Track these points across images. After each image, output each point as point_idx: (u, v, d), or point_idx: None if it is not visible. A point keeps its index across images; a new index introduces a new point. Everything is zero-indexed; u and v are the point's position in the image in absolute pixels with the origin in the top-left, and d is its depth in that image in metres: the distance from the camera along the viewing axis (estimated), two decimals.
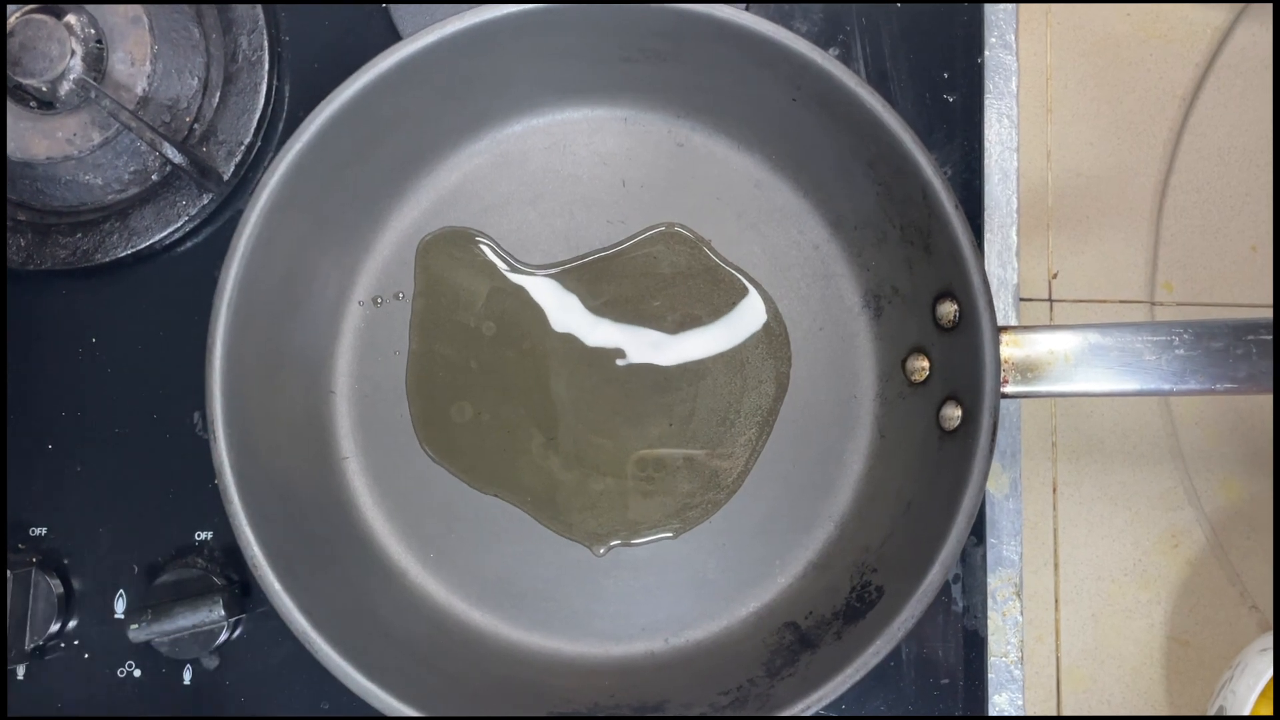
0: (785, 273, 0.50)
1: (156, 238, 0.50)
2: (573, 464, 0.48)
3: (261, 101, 0.50)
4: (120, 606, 0.49)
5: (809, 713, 0.41)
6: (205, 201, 0.50)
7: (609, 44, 0.47)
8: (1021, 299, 0.52)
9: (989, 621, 0.50)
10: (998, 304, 0.51)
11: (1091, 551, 0.53)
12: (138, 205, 0.50)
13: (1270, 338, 0.41)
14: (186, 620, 0.46)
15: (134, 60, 0.48)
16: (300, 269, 0.47)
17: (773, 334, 0.49)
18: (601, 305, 0.49)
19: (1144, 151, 0.55)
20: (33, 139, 0.48)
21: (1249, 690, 0.46)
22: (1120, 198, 0.55)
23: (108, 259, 0.49)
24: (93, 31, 0.48)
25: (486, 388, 0.49)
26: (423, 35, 0.45)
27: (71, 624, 0.49)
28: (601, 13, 0.45)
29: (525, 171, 0.50)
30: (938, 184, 0.43)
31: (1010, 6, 0.53)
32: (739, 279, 0.49)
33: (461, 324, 0.49)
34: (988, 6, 0.53)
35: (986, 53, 0.53)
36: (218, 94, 0.51)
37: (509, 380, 0.49)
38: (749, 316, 0.49)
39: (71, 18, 0.47)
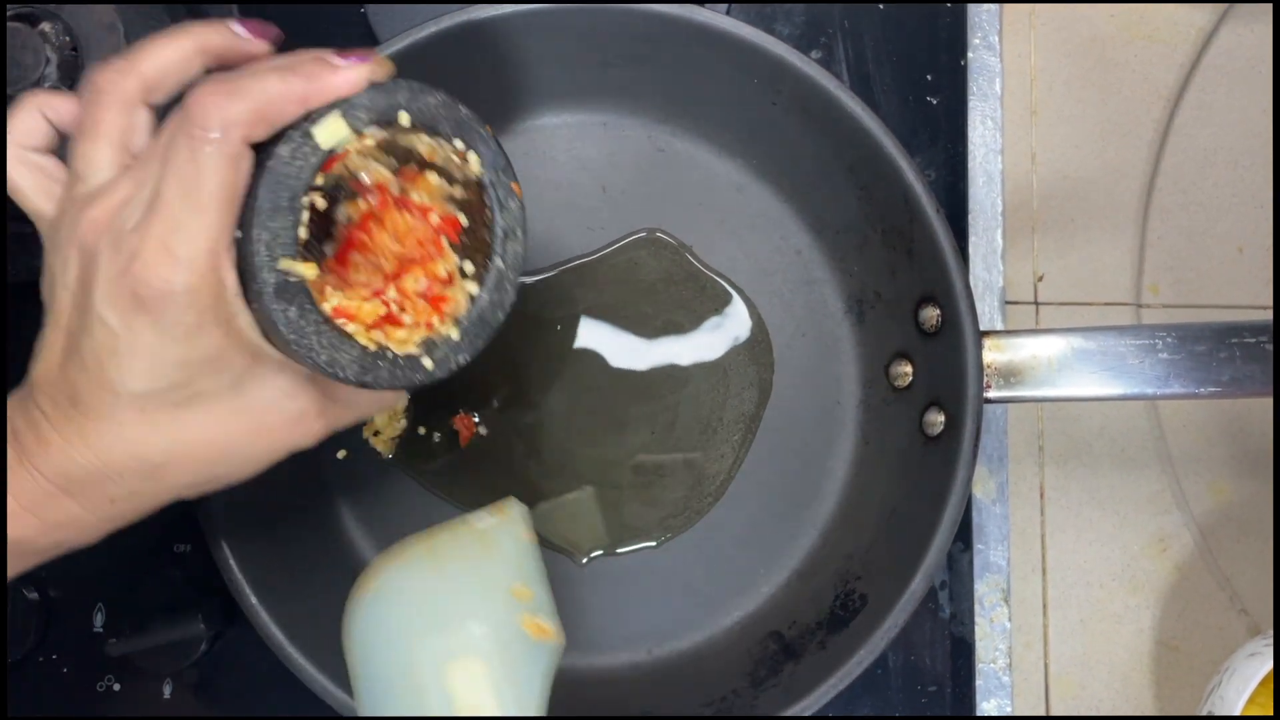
0: (767, 278, 0.49)
1: None
2: (554, 473, 0.48)
3: None
4: (99, 620, 0.48)
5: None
6: None
7: (587, 48, 0.46)
8: (1007, 302, 0.52)
9: (977, 628, 0.49)
10: (983, 307, 0.50)
11: (1080, 556, 0.52)
12: None
13: (1254, 340, 0.41)
14: (166, 634, 0.45)
15: None
16: None
17: (755, 340, 0.49)
18: (582, 312, 0.49)
19: (1130, 153, 0.55)
20: None
21: (1238, 695, 0.46)
22: (1106, 200, 0.55)
23: None
24: (67, 39, 0.47)
25: (465, 396, 0.48)
26: (399, 39, 0.45)
27: (49, 638, 0.48)
28: (579, 16, 0.45)
29: None
30: (919, 188, 0.43)
31: (994, 7, 0.53)
32: (721, 285, 0.49)
33: None
34: (971, 8, 0.53)
35: (970, 54, 0.52)
36: None
37: (488, 388, 0.48)
38: (731, 323, 0.49)
39: (46, 25, 0.47)
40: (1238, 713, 0.46)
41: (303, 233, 0.32)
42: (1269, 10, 0.55)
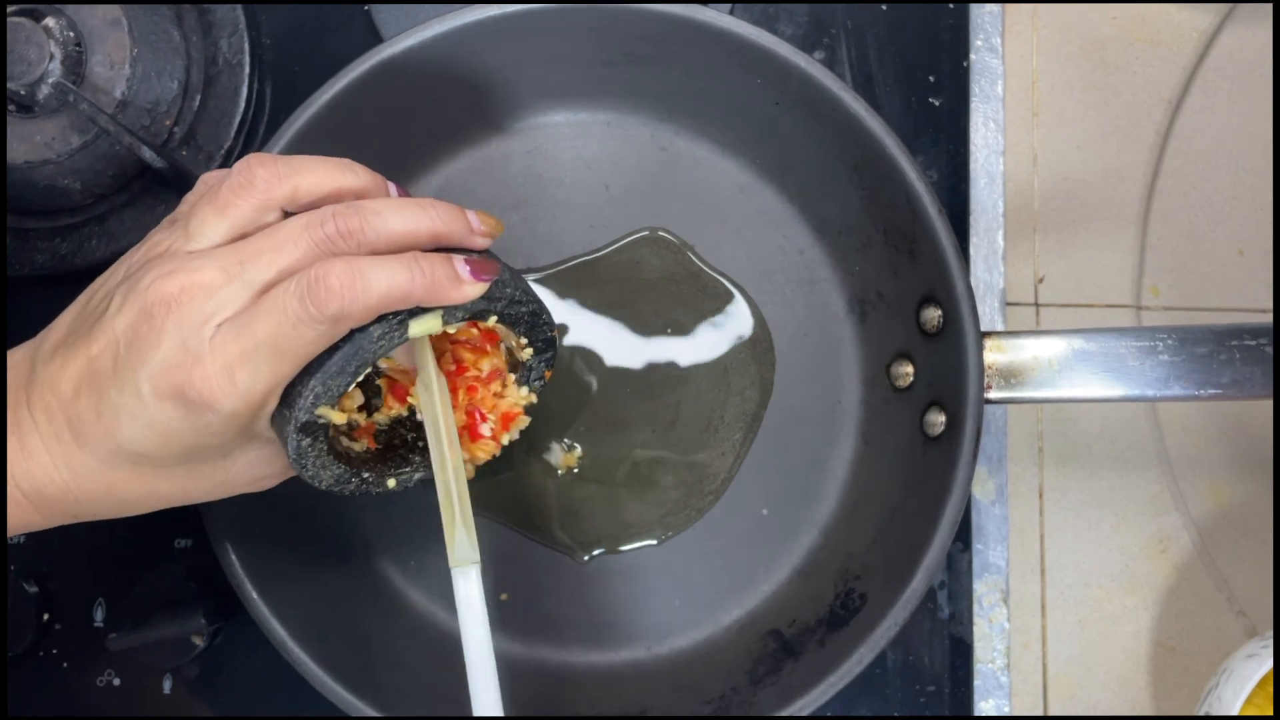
0: (769, 278, 0.49)
1: (136, 242, 0.49)
2: (554, 471, 0.48)
3: (242, 105, 0.50)
4: (99, 615, 0.48)
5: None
6: None
7: (591, 47, 0.46)
8: (1008, 303, 0.52)
9: (975, 628, 0.49)
10: (984, 309, 0.50)
11: (1078, 557, 0.53)
12: (117, 209, 0.49)
13: (1255, 343, 0.41)
14: (166, 629, 0.45)
15: (113, 63, 0.48)
16: None
17: (757, 339, 0.49)
18: (584, 310, 0.49)
19: (1131, 155, 0.55)
20: (11, 143, 0.47)
21: (1235, 696, 0.46)
22: (1107, 201, 0.55)
23: (87, 263, 0.49)
24: (71, 34, 0.47)
25: None
26: (404, 38, 0.45)
27: (49, 633, 0.48)
28: (583, 15, 0.45)
29: (507, 176, 0.49)
30: (921, 189, 0.43)
31: (996, 9, 0.53)
32: (723, 284, 0.49)
33: None
34: (974, 9, 0.53)
35: (973, 56, 0.52)
36: (198, 97, 0.50)
37: None
38: (733, 322, 0.49)
39: (50, 20, 0.47)
40: (1234, 713, 0.46)
41: (352, 388, 0.35)
42: (1270, 12, 0.55)
